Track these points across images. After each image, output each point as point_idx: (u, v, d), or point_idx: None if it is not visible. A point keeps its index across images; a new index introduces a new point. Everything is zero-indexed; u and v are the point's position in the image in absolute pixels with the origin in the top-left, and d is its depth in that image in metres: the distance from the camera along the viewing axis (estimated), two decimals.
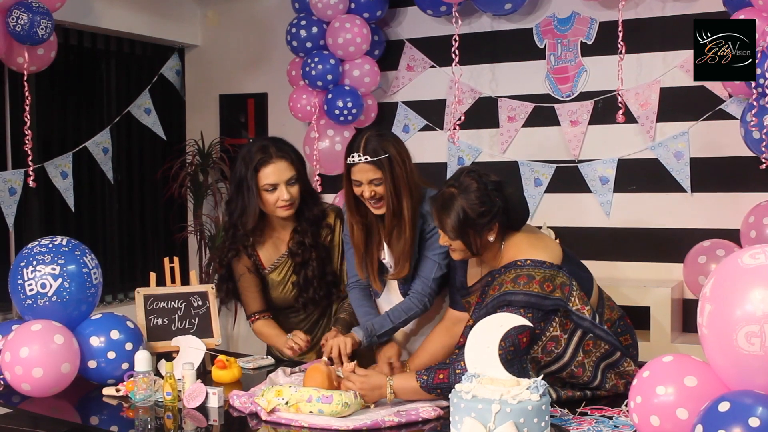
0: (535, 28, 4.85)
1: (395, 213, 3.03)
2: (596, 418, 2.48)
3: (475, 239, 2.68)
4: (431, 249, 3.08)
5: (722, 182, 4.42)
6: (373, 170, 2.98)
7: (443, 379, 2.55)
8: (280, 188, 3.19)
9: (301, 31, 4.98)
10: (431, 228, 3.05)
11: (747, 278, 1.83)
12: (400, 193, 3.00)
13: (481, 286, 2.82)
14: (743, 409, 1.77)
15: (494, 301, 2.62)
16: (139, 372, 2.79)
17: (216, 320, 3.30)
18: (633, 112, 4.55)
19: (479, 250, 2.71)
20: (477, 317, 2.62)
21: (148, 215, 6.01)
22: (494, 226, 2.67)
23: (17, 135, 4.95)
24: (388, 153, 2.98)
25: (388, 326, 3.09)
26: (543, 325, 2.60)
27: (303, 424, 2.45)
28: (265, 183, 3.19)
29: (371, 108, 5.19)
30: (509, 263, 2.68)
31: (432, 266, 3.08)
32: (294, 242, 3.34)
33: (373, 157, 2.96)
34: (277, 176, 3.19)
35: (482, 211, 2.64)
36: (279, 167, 3.20)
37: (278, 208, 3.22)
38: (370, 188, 3.00)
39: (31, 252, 3.01)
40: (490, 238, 2.69)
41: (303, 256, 3.32)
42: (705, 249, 4.21)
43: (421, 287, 3.09)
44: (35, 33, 4.04)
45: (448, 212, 2.68)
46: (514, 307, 2.56)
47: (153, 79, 5.86)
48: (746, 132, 3.90)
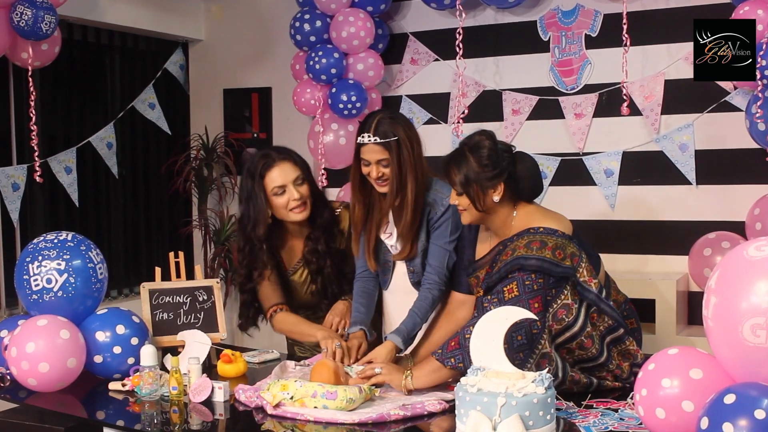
0: (539, 21, 4.84)
1: (398, 194, 3.06)
2: (601, 410, 2.48)
3: (479, 195, 2.73)
4: (441, 238, 3.10)
5: (727, 174, 4.41)
6: (382, 151, 3.02)
7: (455, 345, 2.58)
8: (288, 189, 3.20)
9: (304, 25, 4.97)
10: (439, 216, 3.08)
11: (752, 270, 1.83)
12: (405, 176, 3.04)
13: (491, 257, 2.84)
14: (749, 401, 1.77)
15: (507, 266, 2.66)
16: (144, 366, 2.79)
17: (221, 315, 3.31)
18: (638, 105, 4.54)
19: (484, 207, 2.75)
20: (488, 283, 2.70)
21: (152, 210, 6.01)
22: (499, 185, 2.73)
23: (22, 130, 4.96)
24: (397, 136, 3.02)
25: (418, 323, 3.08)
26: (554, 292, 2.63)
27: (308, 418, 2.46)
28: (273, 187, 3.19)
29: (375, 101, 5.18)
30: (522, 231, 2.73)
31: (443, 254, 3.10)
32: (308, 250, 3.34)
33: (383, 138, 3.01)
34: (283, 177, 3.20)
35: (487, 168, 2.72)
36: (283, 168, 3.21)
37: (291, 211, 3.22)
38: (378, 169, 3.04)
39: (36, 247, 3.02)
40: (495, 197, 2.74)
41: (318, 263, 3.33)
42: (710, 241, 4.21)
43: (436, 276, 3.10)
44: (39, 28, 4.04)
45: (456, 165, 2.76)
46: (527, 271, 2.60)
47: (157, 74, 5.87)
48: (751, 124, 3.89)
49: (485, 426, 2.04)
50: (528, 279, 2.59)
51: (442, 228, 3.09)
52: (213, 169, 5.82)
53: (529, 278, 2.58)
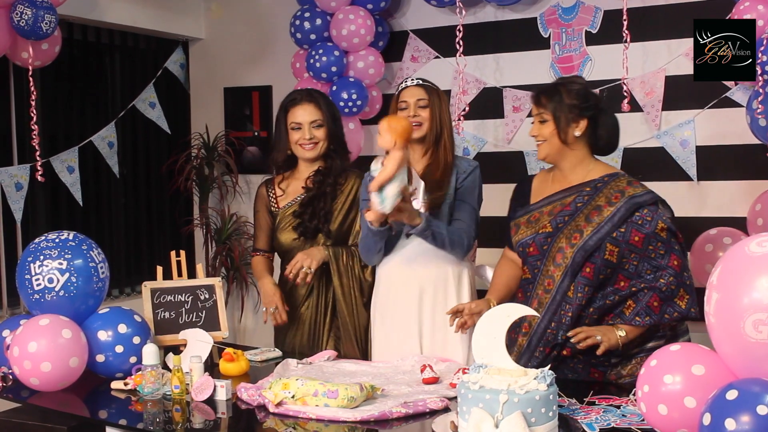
0: (540, 18, 4.83)
1: (436, 136, 3.28)
2: (604, 407, 2.48)
3: (565, 126, 2.95)
4: (468, 196, 3.29)
5: (728, 170, 4.40)
6: (421, 92, 3.29)
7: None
8: (304, 128, 3.52)
9: (304, 23, 4.97)
10: (466, 176, 3.28)
11: (754, 266, 1.83)
12: (440, 122, 3.28)
13: (561, 198, 3.01)
14: (751, 397, 1.77)
15: (623, 208, 2.87)
16: (147, 365, 2.80)
17: (223, 313, 3.31)
18: (638, 101, 4.53)
19: (566, 139, 2.97)
20: (604, 228, 2.86)
21: (154, 209, 6.01)
22: (582, 121, 2.96)
23: (23, 130, 4.96)
24: (437, 89, 3.33)
25: (443, 230, 3.19)
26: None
27: (311, 416, 2.46)
28: (291, 122, 3.55)
29: (376, 99, 5.19)
30: (614, 173, 3.01)
31: (470, 210, 3.28)
32: (311, 179, 3.58)
33: (424, 82, 3.33)
34: (302, 117, 3.53)
35: (575, 102, 2.95)
36: (306, 109, 3.54)
37: (300, 145, 3.54)
38: (415, 109, 3.27)
39: (38, 247, 3.02)
40: (577, 132, 2.96)
41: (319, 189, 3.53)
42: (711, 237, 4.20)
43: (465, 227, 3.25)
44: (39, 28, 4.04)
45: (547, 94, 3.01)
46: (647, 206, 2.88)
47: (157, 73, 5.86)
48: (752, 119, 3.89)
49: (487, 423, 2.04)
50: (650, 213, 2.87)
51: (469, 188, 3.28)
52: (214, 167, 5.82)
53: (651, 212, 2.87)
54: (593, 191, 2.94)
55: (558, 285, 2.91)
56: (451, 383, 2.71)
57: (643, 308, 2.82)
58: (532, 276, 3.01)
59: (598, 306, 2.88)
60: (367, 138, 5.28)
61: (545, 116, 2.99)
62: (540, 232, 2.98)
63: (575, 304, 2.87)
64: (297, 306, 3.53)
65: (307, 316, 3.52)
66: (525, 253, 3.04)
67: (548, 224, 2.97)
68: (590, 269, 2.86)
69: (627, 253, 2.85)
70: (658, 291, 2.81)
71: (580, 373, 2.92)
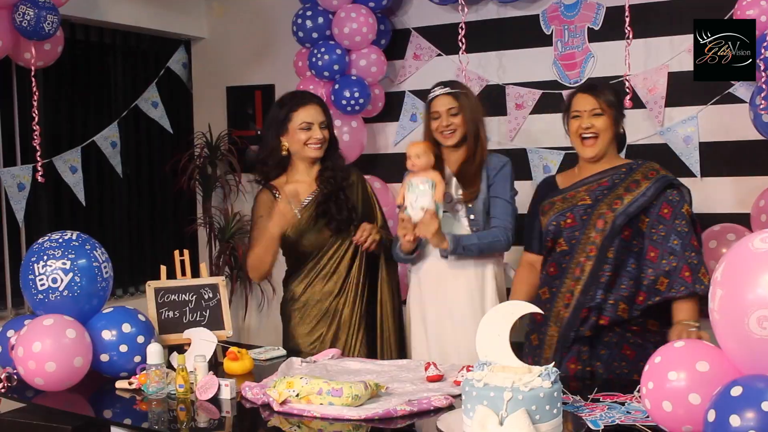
0: (542, 15, 4.83)
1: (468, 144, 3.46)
2: (608, 404, 2.48)
3: (618, 120, 3.19)
4: (501, 191, 3.44)
5: (732, 166, 4.40)
6: (451, 100, 3.45)
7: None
8: (314, 128, 3.50)
9: (306, 22, 4.97)
10: (497, 171, 3.43)
11: (758, 262, 1.83)
12: (475, 121, 3.46)
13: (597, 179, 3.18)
14: (756, 393, 1.77)
15: (660, 181, 3.08)
16: (151, 365, 2.80)
17: (227, 312, 3.31)
18: (641, 98, 4.53)
19: (617, 132, 3.20)
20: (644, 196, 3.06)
21: (157, 208, 6.02)
22: (622, 122, 3.23)
23: (26, 131, 4.96)
24: (465, 90, 3.51)
25: (474, 240, 3.38)
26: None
27: (315, 414, 2.46)
28: (301, 122, 3.49)
29: (378, 97, 5.18)
30: (640, 161, 3.21)
31: (504, 205, 3.44)
32: (324, 177, 3.55)
33: (452, 89, 3.48)
34: (313, 117, 3.51)
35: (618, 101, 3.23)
36: (315, 109, 3.53)
37: (308, 146, 3.51)
38: (447, 118, 3.44)
39: (41, 247, 3.02)
40: (621, 129, 3.22)
41: (334, 185, 3.54)
42: (715, 233, 4.20)
43: (501, 223, 3.41)
44: (42, 28, 4.04)
45: (607, 89, 3.22)
46: (677, 187, 3.10)
47: (160, 73, 5.87)
48: (755, 115, 3.89)
49: (492, 421, 2.04)
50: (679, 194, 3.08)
51: (501, 183, 3.43)
52: (217, 166, 5.82)
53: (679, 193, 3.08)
54: (629, 171, 3.15)
55: (599, 249, 3.07)
56: (455, 381, 2.71)
57: (677, 280, 2.97)
58: (570, 247, 3.15)
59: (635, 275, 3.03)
60: (370, 136, 5.28)
61: (603, 108, 3.15)
62: (579, 204, 3.17)
63: (612, 264, 3.04)
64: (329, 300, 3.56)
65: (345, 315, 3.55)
66: (559, 228, 3.18)
67: (587, 197, 3.16)
68: (628, 233, 3.06)
69: (656, 224, 3.04)
70: (687, 262, 2.97)
71: (613, 349, 3.04)
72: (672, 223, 3.02)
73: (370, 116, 5.22)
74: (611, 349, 3.05)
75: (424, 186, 3.30)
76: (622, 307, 3.00)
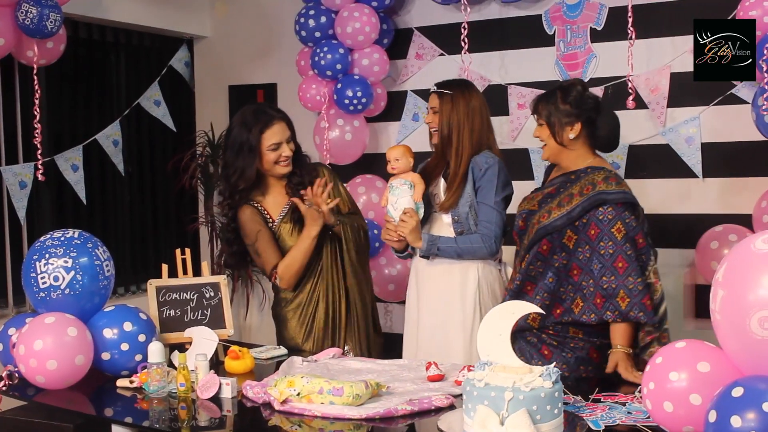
0: (544, 15, 4.83)
1: (445, 143, 3.41)
2: (609, 404, 2.48)
3: (559, 129, 3.12)
4: (487, 197, 3.37)
5: (734, 167, 4.40)
6: (434, 99, 3.45)
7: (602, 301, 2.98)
8: (282, 146, 3.43)
9: (309, 21, 4.97)
10: (482, 175, 3.37)
11: (760, 263, 1.83)
12: (450, 125, 3.39)
13: (558, 182, 3.16)
14: (757, 394, 1.77)
15: (589, 200, 2.99)
16: (152, 363, 2.80)
17: (228, 311, 3.31)
18: (643, 98, 4.52)
19: (561, 141, 3.13)
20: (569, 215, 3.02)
21: (159, 207, 6.02)
22: (576, 124, 3.10)
23: (28, 129, 4.96)
24: (453, 92, 3.40)
25: (451, 243, 3.37)
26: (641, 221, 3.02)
27: (316, 413, 2.46)
28: (270, 143, 3.41)
29: (381, 97, 5.18)
30: (598, 166, 3.10)
31: (488, 211, 3.37)
32: (292, 184, 3.51)
33: (439, 88, 3.44)
34: (279, 136, 3.42)
35: (569, 107, 3.11)
36: (281, 126, 3.44)
37: (278, 165, 3.45)
38: (431, 116, 3.46)
39: (43, 245, 3.02)
40: (571, 135, 3.11)
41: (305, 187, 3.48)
42: (717, 234, 4.20)
43: (485, 230, 3.36)
44: (44, 26, 4.05)
45: (544, 99, 3.19)
46: (611, 204, 2.96)
47: (162, 71, 5.87)
48: (758, 116, 3.88)
49: (493, 420, 2.04)
50: (614, 211, 2.95)
51: (487, 187, 3.36)
52: (219, 165, 5.81)
53: (615, 210, 2.95)
54: (575, 180, 3.11)
55: (521, 257, 3.19)
56: (456, 380, 2.70)
57: (588, 306, 2.96)
58: (519, 249, 3.24)
59: (551, 289, 3.05)
60: (372, 136, 5.28)
61: (541, 121, 3.18)
62: (526, 209, 3.22)
63: (523, 274, 3.11)
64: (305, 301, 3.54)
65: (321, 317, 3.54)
66: (516, 228, 3.26)
67: (536, 203, 3.19)
68: (546, 247, 3.07)
69: (582, 243, 3.01)
70: (600, 289, 2.94)
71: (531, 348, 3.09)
72: (597, 245, 2.96)
73: (372, 116, 5.22)
74: (531, 347, 3.09)
75: (403, 187, 3.39)
76: (532, 317, 3.03)
